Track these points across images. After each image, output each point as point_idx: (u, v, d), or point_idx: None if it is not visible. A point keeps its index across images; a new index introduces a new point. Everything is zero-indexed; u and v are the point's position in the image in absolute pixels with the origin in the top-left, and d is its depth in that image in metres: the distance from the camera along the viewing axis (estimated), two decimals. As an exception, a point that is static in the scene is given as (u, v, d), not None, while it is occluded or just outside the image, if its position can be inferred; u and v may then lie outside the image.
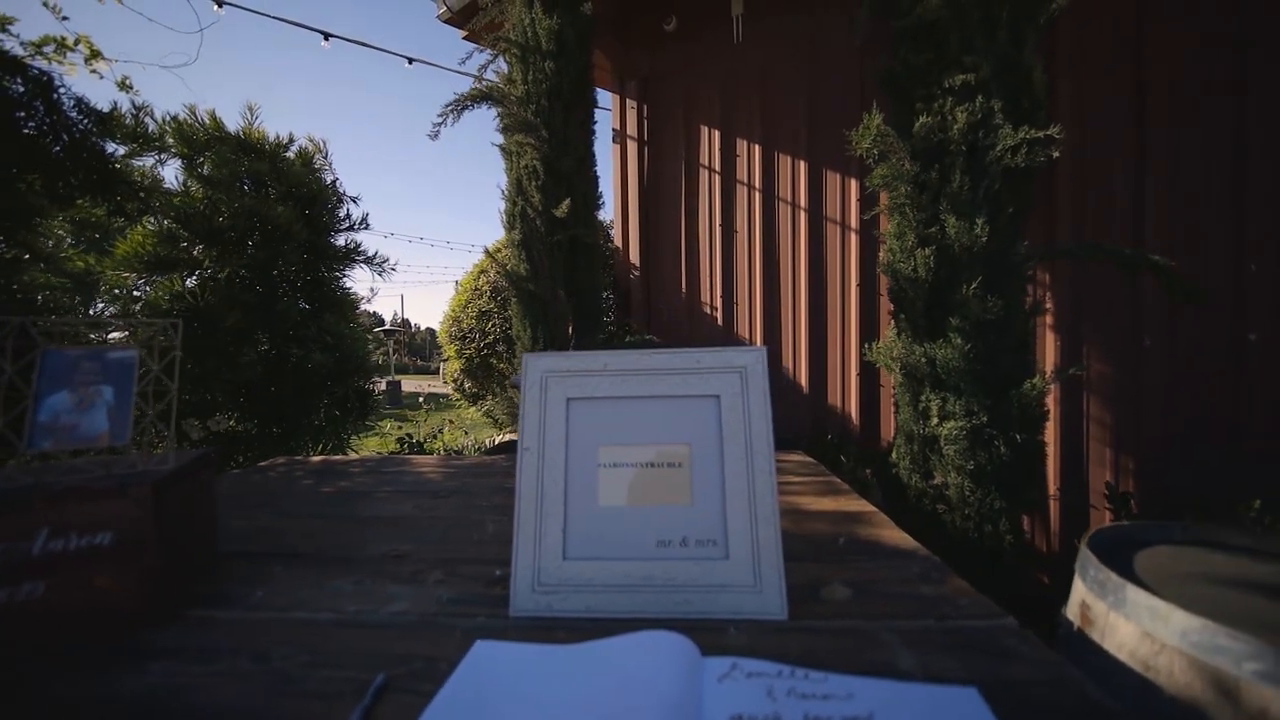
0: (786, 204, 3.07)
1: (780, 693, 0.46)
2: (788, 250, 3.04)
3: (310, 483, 1.29)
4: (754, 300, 3.18)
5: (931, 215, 1.90)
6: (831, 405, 2.92)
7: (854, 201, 2.80)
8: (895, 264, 1.96)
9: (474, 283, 3.62)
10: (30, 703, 0.49)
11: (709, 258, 3.39)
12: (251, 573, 0.76)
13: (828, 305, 2.92)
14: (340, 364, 2.44)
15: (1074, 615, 0.86)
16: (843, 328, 2.87)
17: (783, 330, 3.09)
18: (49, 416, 0.64)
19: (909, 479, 1.98)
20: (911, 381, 1.92)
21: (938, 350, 1.81)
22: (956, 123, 1.81)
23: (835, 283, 2.88)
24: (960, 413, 1.79)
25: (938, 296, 1.87)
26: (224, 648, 0.57)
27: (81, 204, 1.93)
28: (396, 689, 0.50)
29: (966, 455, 1.78)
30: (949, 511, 1.85)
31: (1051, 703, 0.46)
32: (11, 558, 0.56)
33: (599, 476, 0.67)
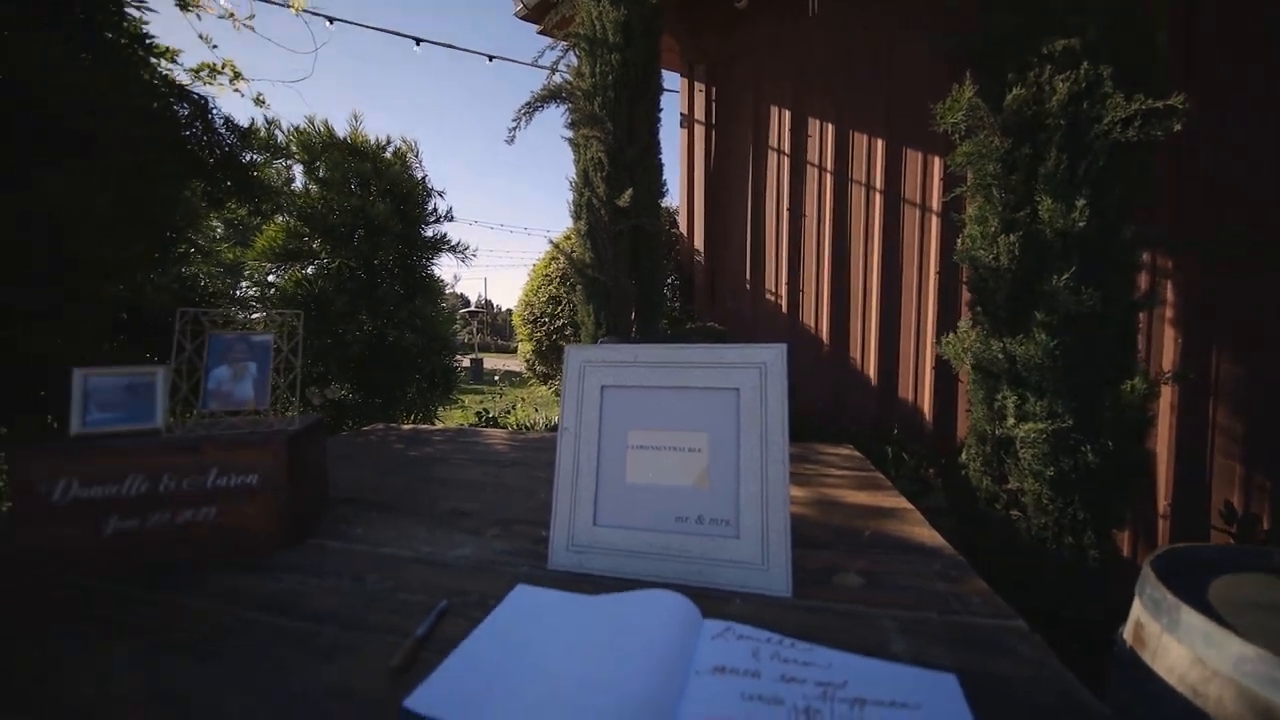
0: (860, 185, 2.91)
1: (765, 655, 0.52)
2: (860, 235, 2.90)
3: (401, 446, 1.51)
4: (821, 287, 3.08)
5: (1020, 198, 1.74)
6: (902, 399, 2.79)
7: (936, 182, 2.61)
8: (974, 251, 1.82)
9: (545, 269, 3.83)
10: (208, 590, 0.67)
11: (775, 243, 3.31)
12: (353, 515, 0.94)
13: (902, 293, 2.76)
14: (428, 343, 2.73)
15: (1128, 635, 0.81)
16: (918, 318, 2.71)
17: (851, 319, 2.97)
18: (215, 385, 0.84)
19: (979, 481, 1.87)
20: (986, 378, 1.80)
21: (1018, 346, 1.68)
22: (1055, 94, 1.63)
23: (912, 269, 2.71)
24: (1041, 414, 1.66)
25: (1021, 287, 1.73)
26: (331, 569, 0.74)
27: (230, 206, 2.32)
28: (454, 614, 0.62)
29: (1046, 460, 1.65)
30: (1023, 519, 1.73)
31: (1032, 700, 0.48)
32: (195, 488, 0.76)
33: (628, 456, 0.75)
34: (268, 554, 0.78)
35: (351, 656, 0.55)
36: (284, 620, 0.61)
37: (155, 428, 0.81)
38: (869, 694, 0.47)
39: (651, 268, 2.91)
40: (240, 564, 0.74)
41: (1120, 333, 1.63)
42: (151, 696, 0.49)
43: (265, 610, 0.63)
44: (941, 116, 1.83)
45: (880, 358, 2.83)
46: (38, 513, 0.69)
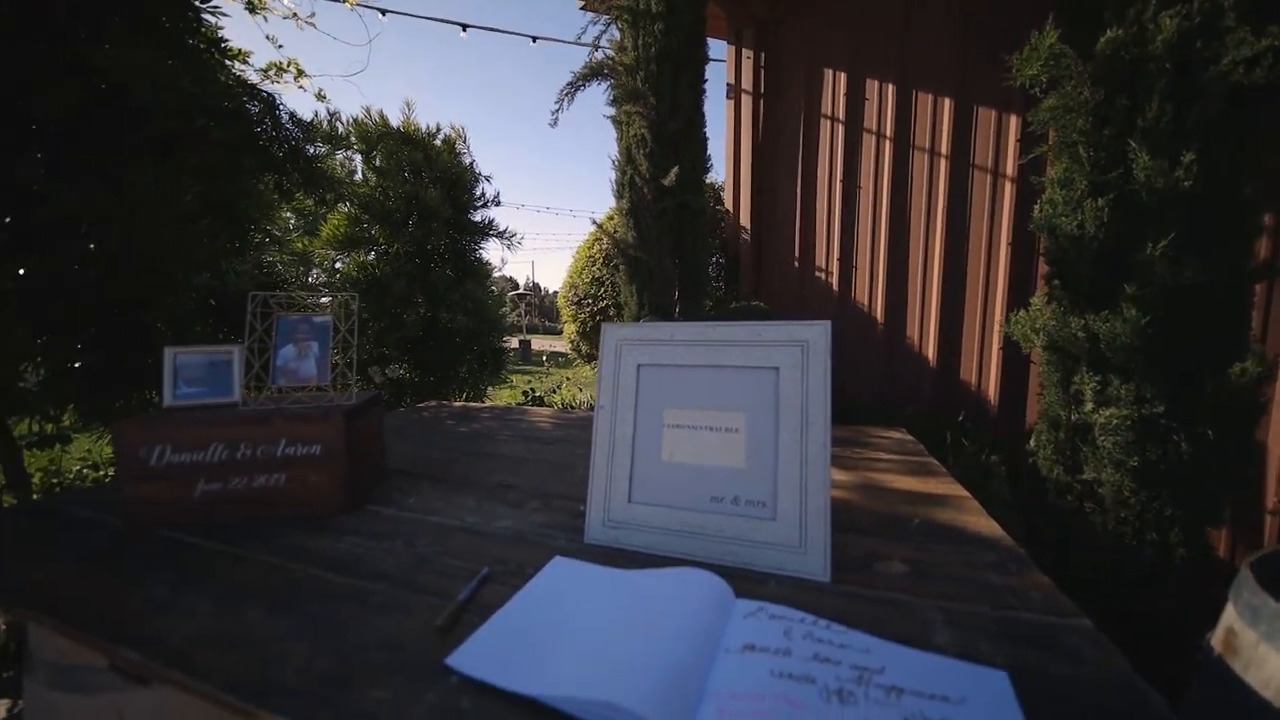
0: (923, 152, 2.70)
1: (797, 635, 0.51)
2: (921, 205, 2.70)
3: (452, 423, 1.58)
4: (876, 263, 2.91)
5: (1112, 156, 1.55)
6: (964, 382, 2.61)
7: (1012, 143, 2.37)
8: (1055, 218, 1.65)
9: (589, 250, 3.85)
10: (279, 547, 0.74)
11: (826, 217, 3.15)
12: (406, 486, 1.00)
13: (968, 268, 2.55)
14: (478, 325, 2.83)
15: (1217, 642, 0.73)
16: (985, 294, 2.50)
17: (909, 296, 2.79)
18: (282, 362, 0.91)
19: (1049, 470, 1.72)
20: (1062, 359, 1.64)
21: (1102, 324, 1.52)
22: (1161, 32, 1.43)
23: (980, 242, 2.50)
24: (1126, 399, 1.50)
25: (1109, 257, 1.55)
26: (386, 533, 0.79)
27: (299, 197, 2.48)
28: (494, 580, 0.65)
29: (1130, 450, 1.50)
30: (1098, 512, 1.59)
31: (1096, 705, 0.44)
32: (267, 456, 0.83)
33: (663, 435, 0.75)
34: (330, 518, 0.84)
35: (401, 614, 0.59)
36: (343, 578, 0.67)
37: (233, 401, 0.89)
38: (908, 683, 0.45)
39: (695, 246, 2.85)
40: (306, 525, 0.81)
41: (1228, 308, 1.43)
42: (229, 636, 0.55)
43: (328, 568, 0.69)
44: (1018, 69, 1.65)
45: (941, 338, 2.65)
46: (138, 475, 0.78)
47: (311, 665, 0.51)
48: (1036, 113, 1.67)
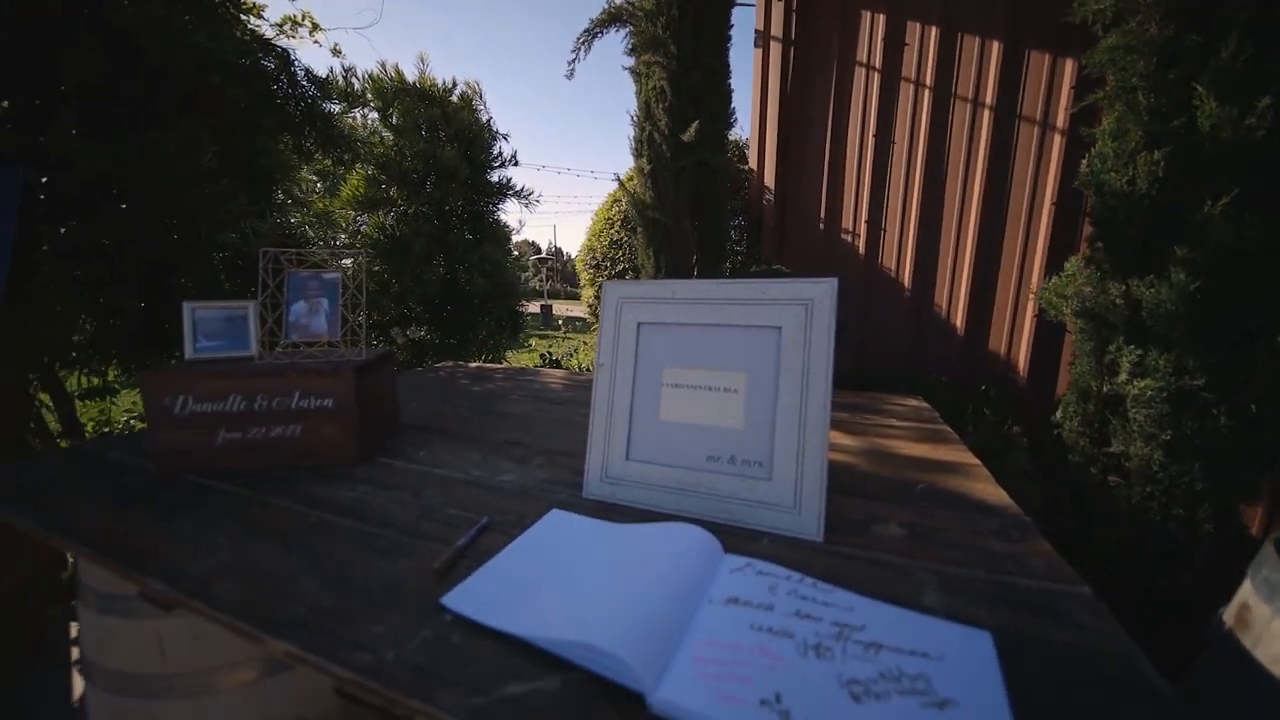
0: (966, 101, 2.51)
1: (782, 591, 0.51)
2: (959, 161, 2.53)
3: (466, 382, 1.61)
4: (906, 225, 2.77)
5: (1175, 103, 1.41)
6: (992, 352, 2.51)
7: (1065, 91, 2.18)
8: (1103, 173, 1.52)
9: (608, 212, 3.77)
10: (294, 493, 0.78)
11: (856, 175, 2.99)
12: (418, 440, 1.03)
13: (1006, 231, 2.41)
14: (495, 288, 2.84)
15: (1230, 617, 0.70)
16: (1022, 259, 2.37)
17: (940, 260, 2.66)
18: (294, 318, 0.94)
19: (1075, 442, 1.66)
20: (1098, 327, 1.55)
21: (1145, 289, 1.42)
22: (1248, -42, 1.26)
23: (1021, 202, 2.35)
24: (1165, 370, 1.42)
25: (1161, 216, 1.43)
26: (395, 483, 0.82)
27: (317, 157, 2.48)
28: (494, 530, 0.67)
29: (1164, 423, 1.43)
30: (1123, 486, 1.54)
31: (1088, 671, 0.44)
32: (283, 408, 0.86)
33: (662, 394, 0.74)
34: (343, 467, 0.88)
35: (404, 558, 0.62)
36: (352, 523, 0.70)
37: (250, 355, 0.92)
38: (888, 640, 0.45)
39: (715, 207, 2.76)
40: (321, 474, 0.85)
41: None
42: (245, 572, 0.59)
43: (338, 514, 0.72)
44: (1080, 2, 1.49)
45: (971, 304, 2.54)
46: (165, 424, 0.83)
47: (319, 601, 0.54)
48: (1093, 55, 1.52)
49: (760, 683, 0.40)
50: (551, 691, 0.42)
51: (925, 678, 0.41)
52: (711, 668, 0.42)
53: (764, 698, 0.39)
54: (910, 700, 0.39)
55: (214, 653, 0.78)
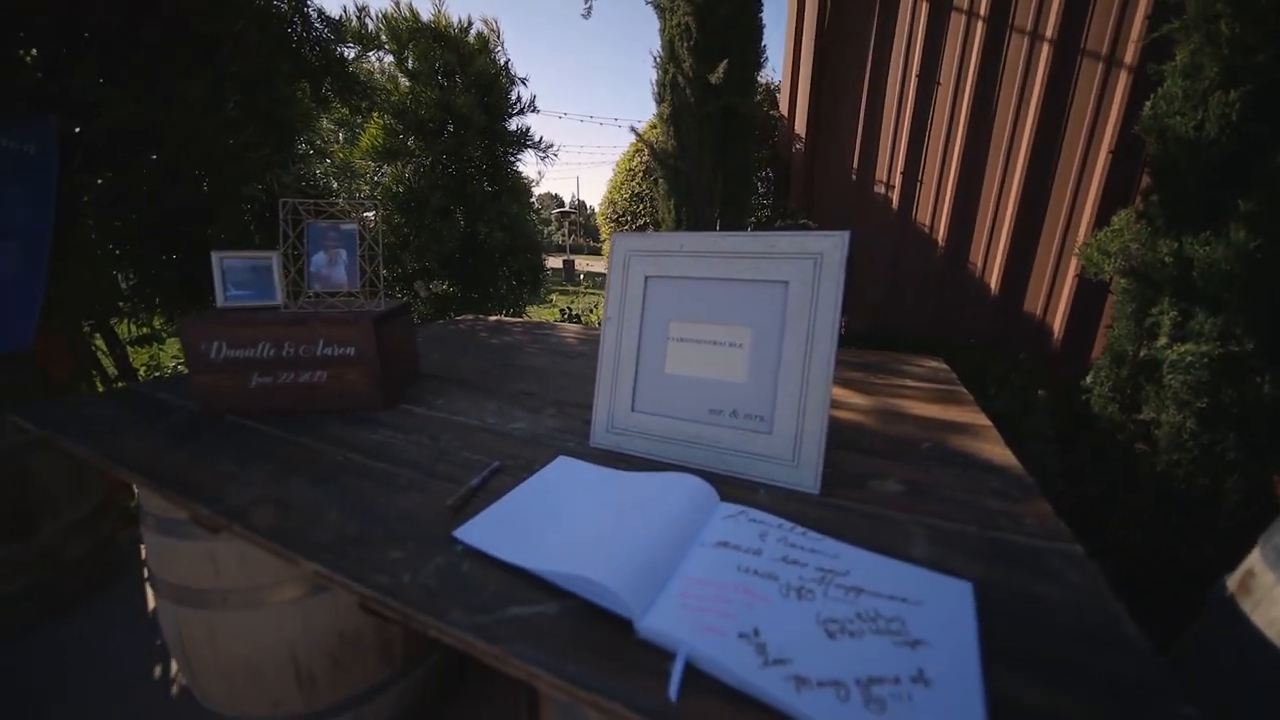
0: (1022, 35, 2.27)
1: (772, 538, 0.53)
2: (1010, 103, 2.33)
3: (485, 335, 1.65)
4: (945, 175, 2.60)
5: (1263, 34, 1.25)
6: (1027, 314, 2.40)
7: (1137, 20, 1.95)
8: (1168, 116, 1.39)
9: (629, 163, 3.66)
10: (322, 435, 0.83)
11: (894, 121, 2.79)
12: (437, 388, 1.08)
13: (1054, 182, 2.24)
14: (514, 241, 2.84)
15: (1233, 582, 0.70)
16: (1070, 214, 2.22)
17: (979, 215, 2.51)
18: (315, 268, 0.96)
19: (1103, 408, 1.61)
20: (1143, 288, 1.46)
21: (1199, 247, 1.32)
22: None
23: (1075, 148, 2.16)
24: (1210, 334, 1.34)
25: (1227, 166, 1.31)
26: (415, 428, 0.87)
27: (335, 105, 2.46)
28: (504, 473, 0.71)
29: (1200, 390, 1.36)
30: (1150, 454, 1.50)
31: (1068, 625, 0.45)
32: (309, 355, 0.91)
33: (667, 348, 0.75)
34: (367, 412, 0.93)
35: (421, 495, 0.66)
36: (375, 463, 0.75)
37: (276, 304, 0.96)
38: (869, 585, 0.47)
39: (741, 156, 2.65)
40: (346, 417, 0.90)
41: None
42: (278, 504, 0.64)
43: (363, 454, 0.78)
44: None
45: (1008, 263, 2.41)
46: (203, 368, 0.88)
47: (344, 530, 0.59)
48: (1174, -25, 1.35)
49: (741, 618, 0.43)
50: (550, 615, 0.46)
51: (900, 620, 0.43)
52: (696, 602, 0.45)
53: (743, 631, 0.42)
54: (883, 639, 0.41)
55: (261, 572, 0.86)
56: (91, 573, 1.67)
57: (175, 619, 0.91)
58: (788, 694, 0.36)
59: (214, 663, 0.92)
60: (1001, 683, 0.39)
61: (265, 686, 0.92)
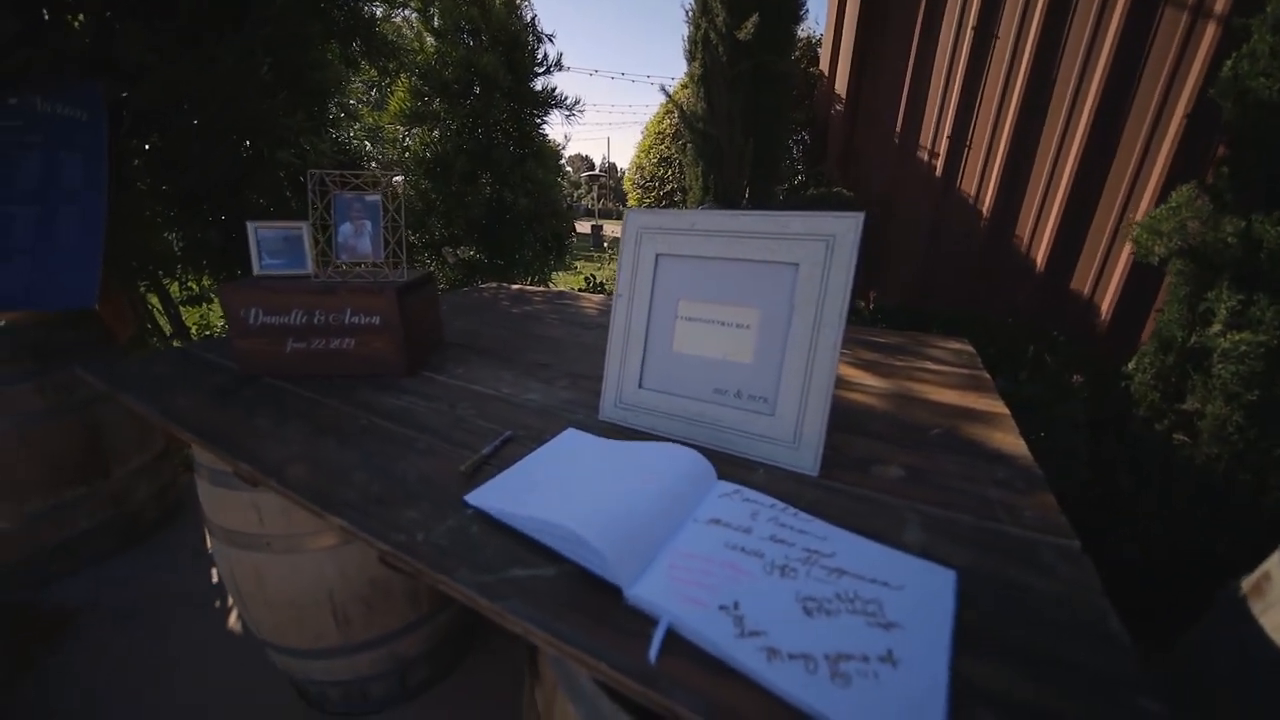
0: (1096, -19, 2.05)
1: (763, 518, 0.55)
2: (1076, 58, 2.13)
3: (507, 304, 1.68)
4: (997, 140, 2.43)
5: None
6: (1074, 293, 2.27)
7: (1233, -37, 1.72)
8: (1250, 78, 1.25)
9: (659, 125, 3.53)
10: (351, 399, 0.89)
11: (944, 80, 2.60)
12: (458, 357, 1.12)
13: (1119, 148, 2.06)
14: (538, 207, 2.83)
15: (1248, 584, 0.68)
16: (1130, 186, 2.05)
17: (1030, 185, 2.35)
18: (343, 239, 1.00)
19: (1144, 396, 1.54)
20: (1200, 269, 1.36)
21: (1270, 228, 1.21)
22: None
23: (1144, 113, 1.98)
24: (1270, 322, 1.25)
25: (1316, 135, 1.18)
26: (435, 395, 0.91)
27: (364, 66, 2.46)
28: (515, 442, 0.75)
29: (1254, 382, 1.28)
30: (1189, 445, 1.43)
31: (1049, 618, 0.45)
32: (337, 323, 0.96)
33: (676, 326, 0.76)
34: (393, 379, 0.98)
35: (438, 459, 0.71)
36: (398, 427, 0.80)
37: (307, 273, 1.01)
38: (852, 567, 0.48)
39: (774, 119, 2.53)
40: (373, 383, 0.96)
41: None
42: (311, 461, 0.70)
43: (386, 418, 0.83)
44: None
45: (1057, 239, 2.27)
46: (242, 332, 0.94)
47: (367, 489, 0.64)
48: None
49: (724, 591, 0.45)
50: (547, 577, 0.50)
51: (878, 602, 0.44)
52: (683, 574, 0.47)
53: (723, 604, 0.44)
54: (858, 619, 0.43)
55: (299, 522, 0.95)
56: (157, 512, 1.85)
57: (228, 559, 1.01)
58: (759, 664, 0.39)
59: (262, 599, 1.02)
60: (971, 667, 0.40)
61: (306, 623, 1.02)
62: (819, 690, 0.37)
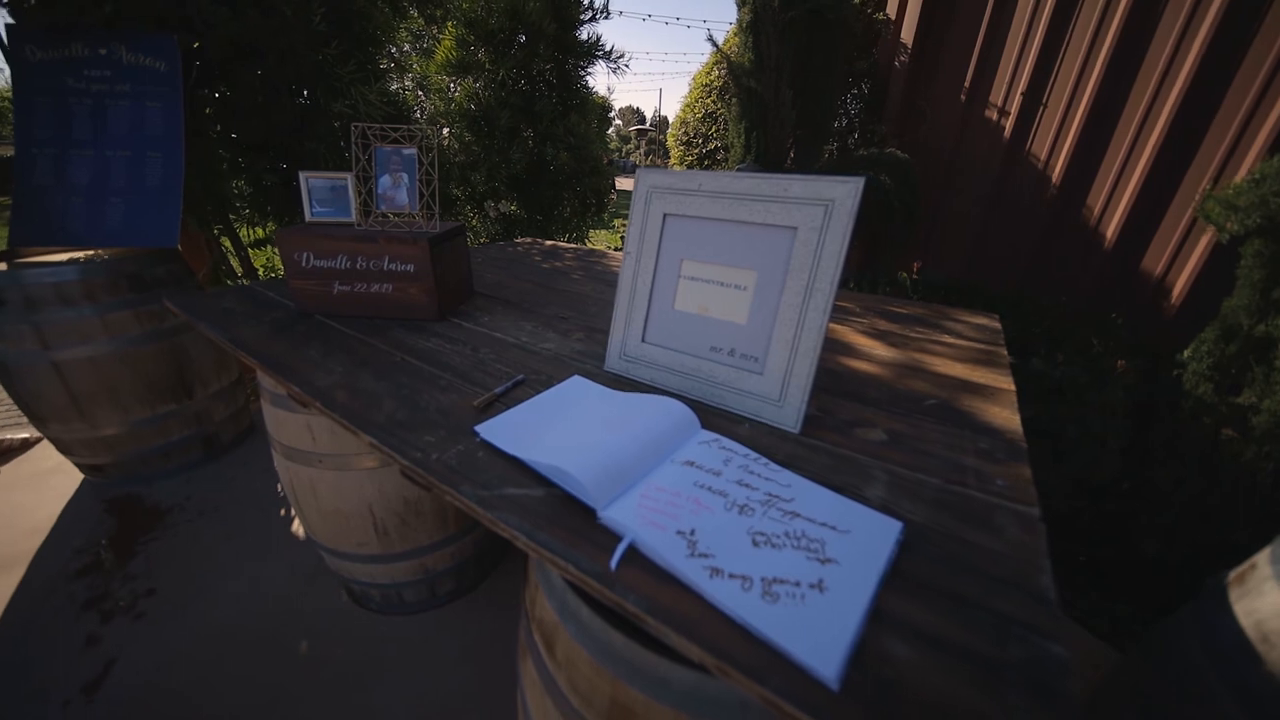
0: (1220, -91, 1.77)
1: (735, 464, 0.60)
2: (1179, 13, 1.87)
3: (538, 259, 1.74)
4: (1078, 98, 2.20)
5: None
6: (1144, 273, 2.09)
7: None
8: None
9: (706, 77, 3.38)
10: (386, 338, 0.99)
11: (1025, 28, 2.35)
12: (485, 305, 1.20)
13: (1217, 110, 1.83)
14: (580, 165, 2.83)
15: (1234, 574, 0.67)
16: (1228, 155, 1.83)
17: (1108, 151, 2.14)
18: (382, 190, 1.08)
19: (1195, 385, 1.44)
20: (1278, 250, 1.23)
21: (1374, 204, 1.08)
22: None
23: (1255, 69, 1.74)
24: (1356, 312, 1.13)
25: None
26: (461, 339, 1.00)
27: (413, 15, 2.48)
28: (526, 385, 0.82)
29: (1325, 376, 1.18)
30: (1238, 441, 1.34)
31: (983, 570, 0.49)
32: (377, 269, 1.05)
33: (679, 285, 0.79)
34: (424, 322, 1.07)
35: (456, 395, 0.79)
36: (424, 365, 0.89)
37: (350, 221, 1.09)
38: (806, 512, 0.53)
39: (827, 73, 2.38)
40: (406, 325, 1.05)
41: None
42: (351, 389, 0.80)
43: (416, 357, 0.92)
44: None
45: (1132, 211, 2.07)
46: (296, 273, 1.05)
47: (394, 415, 0.73)
48: None
49: (684, 520, 0.51)
50: (536, 497, 0.57)
51: (822, 541, 0.49)
52: (650, 503, 0.53)
53: (681, 530, 0.50)
54: (800, 554, 0.48)
55: (345, 443, 1.08)
56: (234, 432, 2.11)
57: (288, 471, 1.17)
58: (702, 579, 0.45)
59: (315, 507, 1.18)
60: (896, 603, 0.45)
61: (351, 530, 1.18)
62: (749, 604, 0.43)
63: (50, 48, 1.71)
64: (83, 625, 1.35)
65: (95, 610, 1.39)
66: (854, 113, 3.16)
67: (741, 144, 2.51)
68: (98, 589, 1.46)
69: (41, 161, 1.73)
